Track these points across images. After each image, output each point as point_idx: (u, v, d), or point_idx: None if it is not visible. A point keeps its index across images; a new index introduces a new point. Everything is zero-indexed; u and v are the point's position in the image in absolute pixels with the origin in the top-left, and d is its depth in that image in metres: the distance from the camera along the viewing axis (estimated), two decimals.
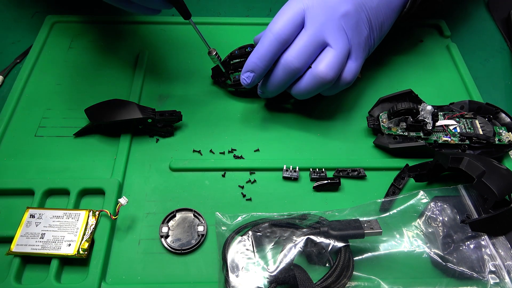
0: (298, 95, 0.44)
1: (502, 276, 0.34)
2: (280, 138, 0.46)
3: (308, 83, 0.42)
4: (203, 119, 0.48)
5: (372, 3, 0.43)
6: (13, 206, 0.40)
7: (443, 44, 0.57)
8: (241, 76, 0.43)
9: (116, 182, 0.41)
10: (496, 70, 0.55)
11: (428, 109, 0.44)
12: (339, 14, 0.41)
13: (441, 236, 0.37)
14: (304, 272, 0.34)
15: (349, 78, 0.43)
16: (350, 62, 0.43)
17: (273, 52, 0.41)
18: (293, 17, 0.40)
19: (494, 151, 0.44)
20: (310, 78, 0.42)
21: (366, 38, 0.44)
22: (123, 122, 0.44)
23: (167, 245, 0.38)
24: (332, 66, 0.41)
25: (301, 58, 0.41)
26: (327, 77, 0.41)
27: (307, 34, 0.41)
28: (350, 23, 0.42)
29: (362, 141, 0.46)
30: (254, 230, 0.37)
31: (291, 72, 0.41)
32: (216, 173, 0.43)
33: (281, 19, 0.40)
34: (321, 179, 0.42)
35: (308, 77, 0.42)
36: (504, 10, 0.62)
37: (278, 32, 0.40)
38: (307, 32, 0.41)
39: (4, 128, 0.46)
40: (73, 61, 0.53)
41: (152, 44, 0.55)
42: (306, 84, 0.42)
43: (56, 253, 0.36)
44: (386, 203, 0.40)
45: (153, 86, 0.51)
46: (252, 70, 0.42)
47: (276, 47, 0.40)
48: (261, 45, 0.41)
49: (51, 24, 0.56)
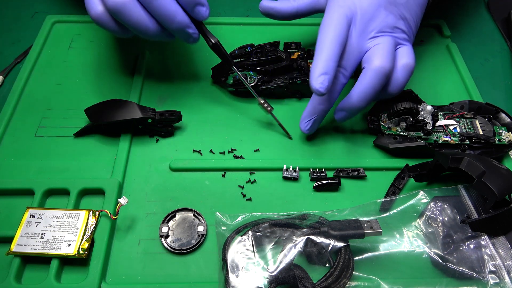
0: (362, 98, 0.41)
1: (502, 276, 0.34)
2: (280, 138, 0.46)
3: (370, 80, 0.40)
4: (203, 119, 0.48)
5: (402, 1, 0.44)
6: (13, 206, 0.40)
7: (443, 44, 0.57)
8: (314, 83, 0.38)
9: (116, 182, 0.41)
10: (496, 70, 0.55)
11: (428, 109, 0.44)
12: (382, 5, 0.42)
13: (441, 236, 0.37)
14: (304, 272, 0.34)
15: (408, 60, 0.42)
16: (401, 47, 0.43)
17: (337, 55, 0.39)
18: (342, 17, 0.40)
19: (494, 151, 0.44)
20: (370, 73, 0.40)
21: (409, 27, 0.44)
22: (123, 122, 0.44)
23: (167, 245, 0.38)
24: (386, 55, 0.40)
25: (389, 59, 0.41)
26: (385, 65, 0.40)
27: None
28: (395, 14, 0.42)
29: (362, 141, 0.46)
30: (254, 230, 0.37)
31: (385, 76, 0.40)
32: (216, 173, 0.43)
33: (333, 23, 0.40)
34: (321, 179, 0.42)
35: (367, 74, 0.40)
36: (504, 10, 0.62)
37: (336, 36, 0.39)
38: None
39: (4, 128, 0.46)
40: (73, 61, 0.53)
41: (152, 44, 0.55)
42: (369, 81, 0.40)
43: (56, 253, 0.36)
44: (386, 203, 0.40)
45: (153, 86, 0.51)
46: (326, 72, 0.38)
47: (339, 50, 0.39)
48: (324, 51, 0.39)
49: (51, 24, 0.56)
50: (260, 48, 0.48)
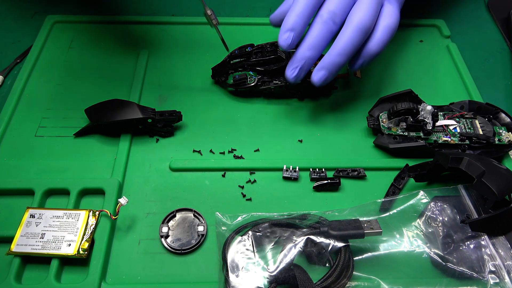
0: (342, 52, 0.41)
1: (502, 276, 0.34)
2: (280, 138, 0.46)
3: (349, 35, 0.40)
4: (203, 119, 0.48)
5: None
6: (13, 206, 0.40)
7: (443, 44, 0.57)
8: (280, 38, 0.40)
9: (116, 182, 0.41)
10: (496, 70, 0.55)
11: (428, 109, 0.44)
12: None
13: (441, 236, 0.37)
14: (304, 272, 0.34)
15: (390, 21, 0.42)
16: (386, 6, 0.42)
17: (311, 7, 0.40)
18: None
19: (494, 151, 0.44)
20: (350, 29, 0.40)
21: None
22: (123, 122, 0.44)
23: (167, 245, 0.38)
24: (367, 12, 0.40)
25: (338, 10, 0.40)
26: (365, 22, 0.40)
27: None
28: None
29: (362, 141, 0.46)
30: (254, 230, 0.37)
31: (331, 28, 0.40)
32: (216, 173, 0.43)
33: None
34: (321, 179, 0.42)
35: (347, 29, 0.40)
36: (504, 10, 0.62)
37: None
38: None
39: (4, 128, 0.46)
40: (73, 61, 0.53)
41: (152, 44, 0.55)
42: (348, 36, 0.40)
43: (56, 253, 0.36)
44: (386, 203, 0.40)
45: (153, 86, 0.51)
46: (291, 29, 0.40)
47: (313, 1, 0.39)
48: (298, 2, 0.39)
49: (51, 24, 0.56)
50: (260, 48, 0.48)
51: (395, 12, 0.43)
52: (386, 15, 0.42)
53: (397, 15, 0.43)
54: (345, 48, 0.40)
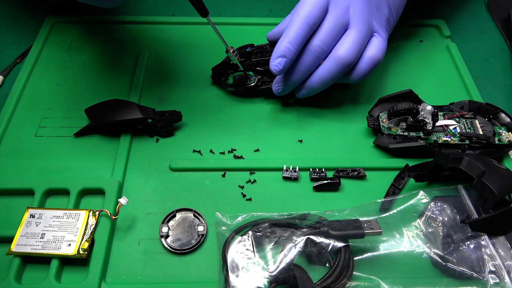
0: (321, 81, 0.44)
1: (502, 276, 0.34)
2: (280, 138, 0.46)
3: (331, 67, 0.42)
4: (203, 119, 0.48)
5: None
6: (13, 206, 0.40)
7: (443, 44, 0.57)
8: (272, 63, 0.42)
9: (116, 182, 0.41)
10: (496, 70, 0.55)
11: (428, 109, 0.44)
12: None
13: (441, 236, 0.37)
14: (304, 272, 0.34)
15: (376, 53, 0.43)
16: (374, 38, 0.43)
17: (303, 35, 0.41)
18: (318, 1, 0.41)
19: (494, 151, 0.44)
20: (332, 61, 0.42)
21: (387, 20, 0.45)
22: (123, 122, 0.44)
23: (167, 245, 0.38)
24: (352, 47, 0.41)
25: (327, 41, 0.41)
26: (348, 58, 0.41)
27: (332, 17, 0.41)
28: (373, 4, 0.42)
29: (362, 141, 0.46)
30: (254, 230, 0.37)
31: (319, 57, 0.42)
32: (216, 173, 0.43)
33: (308, 3, 0.41)
34: (321, 179, 0.42)
35: (330, 61, 0.42)
36: (504, 10, 0.62)
37: (307, 15, 0.40)
38: (331, 16, 0.41)
39: (4, 128, 0.46)
40: (73, 61, 0.53)
41: (152, 44, 0.55)
42: (329, 68, 0.42)
43: (56, 253, 0.36)
44: (386, 203, 0.40)
45: (153, 86, 0.51)
46: (283, 55, 0.41)
47: (306, 30, 0.40)
48: (291, 29, 0.41)
49: (51, 24, 0.56)
50: (260, 48, 0.48)
51: (382, 45, 0.44)
52: (372, 47, 0.43)
53: (383, 47, 0.44)
54: (325, 78, 0.43)
